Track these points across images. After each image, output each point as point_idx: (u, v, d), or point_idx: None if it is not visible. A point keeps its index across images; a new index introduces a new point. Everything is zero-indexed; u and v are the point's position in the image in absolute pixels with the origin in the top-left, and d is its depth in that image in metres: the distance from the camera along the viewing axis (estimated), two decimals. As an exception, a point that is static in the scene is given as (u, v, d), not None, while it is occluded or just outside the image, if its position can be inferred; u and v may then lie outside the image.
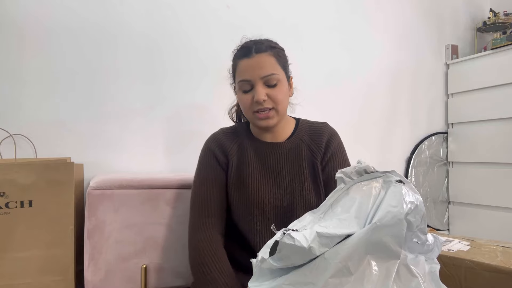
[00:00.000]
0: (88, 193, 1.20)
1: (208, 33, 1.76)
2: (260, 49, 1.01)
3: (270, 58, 1.01)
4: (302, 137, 1.11)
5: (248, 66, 1.00)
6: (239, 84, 1.03)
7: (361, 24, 2.20)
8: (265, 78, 1.00)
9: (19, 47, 1.43)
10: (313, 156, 1.09)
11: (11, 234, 1.11)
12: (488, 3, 2.66)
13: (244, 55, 1.02)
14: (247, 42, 1.06)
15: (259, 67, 0.99)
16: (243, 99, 1.03)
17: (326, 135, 1.11)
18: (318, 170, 1.08)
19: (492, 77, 2.21)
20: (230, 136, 1.13)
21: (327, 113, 1.65)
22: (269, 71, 1.00)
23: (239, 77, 1.02)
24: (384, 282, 0.64)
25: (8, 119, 1.40)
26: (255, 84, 1.00)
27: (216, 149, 1.10)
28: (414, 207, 0.66)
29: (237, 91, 1.06)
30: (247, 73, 1.00)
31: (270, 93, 1.00)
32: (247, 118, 1.10)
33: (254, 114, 1.02)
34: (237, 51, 1.06)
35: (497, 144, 2.18)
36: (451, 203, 2.46)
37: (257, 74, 0.99)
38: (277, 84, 1.01)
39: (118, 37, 1.58)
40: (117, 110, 1.58)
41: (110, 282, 1.21)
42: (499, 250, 1.13)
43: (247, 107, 1.03)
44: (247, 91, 1.02)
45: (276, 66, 1.02)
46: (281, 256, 0.69)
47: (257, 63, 1.00)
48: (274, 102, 1.01)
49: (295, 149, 1.09)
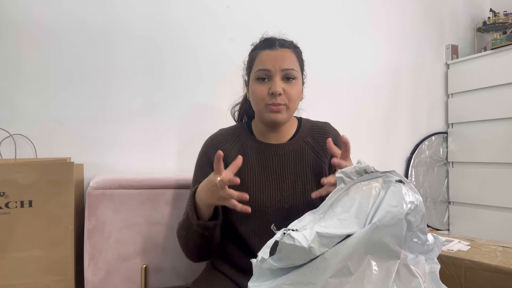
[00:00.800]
0: (88, 193, 1.20)
1: (208, 33, 1.76)
2: (283, 44, 1.02)
3: (292, 54, 1.02)
4: (305, 138, 1.09)
5: (270, 57, 0.99)
6: (257, 73, 1.00)
7: (361, 24, 2.20)
8: (285, 71, 0.99)
9: (19, 48, 1.43)
10: (319, 158, 1.07)
11: (11, 234, 1.11)
12: (488, 3, 2.65)
13: (267, 46, 1.02)
14: (270, 36, 1.06)
15: (282, 59, 0.99)
16: (257, 89, 1.00)
17: (330, 136, 1.09)
18: (325, 173, 1.06)
19: (492, 77, 2.21)
20: (229, 137, 1.10)
21: (327, 113, 1.65)
22: (291, 65, 1.00)
23: (258, 66, 1.01)
24: (384, 282, 0.64)
25: (8, 119, 1.40)
26: (274, 75, 0.99)
27: (213, 155, 1.05)
28: (414, 207, 0.67)
29: (252, 81, 1.03)
30: (268, 63, 0.99)
31: (287, 88, 0.99)
32: (256, 111, 1.05)
33: (266, 106, 0.99)
34: (259, 43, 1.05)
35: (497, 144, 2.18)
36: (451, 203, 2.46)
37: (279, 65, 0.98)
38: (294, 81, 1.01)
39: (118, 37, 1.58)
40: (117, 110, 1.58)
41: (110, 282, 1.21)
42: (499, 250, 1.13)
43: (260, 98, 1.00)
44: (263, 81, 1.00)
45: (296, 63, 1.03)
46: (281, 256, 0.69)
47: (280, 55, 1.00)
48: (288, 98, 0.99)
49: (298, 150, 1.07)
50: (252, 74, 1.03)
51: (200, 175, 1.07)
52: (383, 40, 2.28)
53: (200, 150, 1.12)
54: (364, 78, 2.20)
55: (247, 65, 1.08)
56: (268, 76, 0.99)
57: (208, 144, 1.10)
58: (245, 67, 1.11)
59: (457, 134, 2.42)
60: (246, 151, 1.07)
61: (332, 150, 0.98)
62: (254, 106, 1.04)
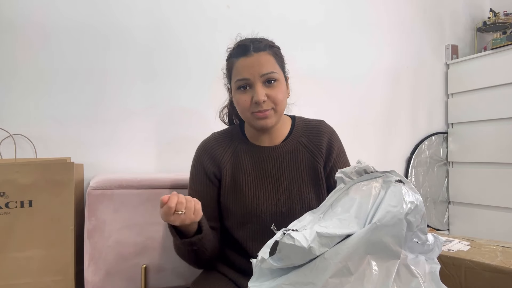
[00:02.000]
0: (88, 193, 1.20)
1: (208, 35, 1.76)
2: (258, 47, 0.97)
3: (269, 56, 0.97)
4: (299, 138, 1.07)
5: (247, 65, 0.95)
6: (236, 84, 0.97)
7: (361, 24, 2.20)
8: (264, 76, 0.95)
9: (19, 48, 1.43)
10: (314, 159, 1.05)
11: (11, 234, 1.11)
12: (488, 3, 2.65)
13: (241, 53, 0.97)
14: (244, 40, 1.02)
15: (259, 65, 0.95)
16: (240, 100, 0.97)
17: (325, 135, 1.07)
18: (321, 174, 1.04)
19: (492, 77, 2.21)
20: (222, 142, 1.07)
21: (327, 113, 1.65)
22: (269, 69, 0.96)
23: (237, 76, 0.97)
24: (384, 282, 0.64)
25: (8, 119, 1.40)
26: (254, 83, 0.95)
27: (207, 161, 1.05)
28: (414, 207, 0.66)
29: (234, 91, 1.00)
30: (246, 72, 0.95)
31: (270, 93, 0.96)
32: (244, 119, 1.03)
33: (252, 114, 0.97)
34: (234, 50, 1.01)
35: (497, 144, 2.18)
36: (451, 203, 2.46)
37: (257, 72, 0.95)
38: (276, 83, 0.97)
39: (118, 38, 1.58)
40: (117, 110, 1.58)
41: (110, 282, 1.21)
42: (499, 250, 1.13)
43: (245, 107, 0.97)
44: (244, 90, 0.97)
45: (275, 65, 0.98)
46: (281, 256, 0.69)
47: (257, 61, 0.95)
48: (274, 102, 0.97)
49: (292, 152, 1.05)
50: (233, 83, 1.00)
51: (195, 181, 1.06)
52: (383, 40, 2.27)
53: (194, 156, 1.09)
54: (364, 78, 2.20)
55: (226, 73, 1.05)
56: (248, 84, 0.96)
57: (201, 150, 1.08)
58: (224, 75, 1.07)
59: (457, 134, 2.42)
60: (239, 156, 1.04)
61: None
62: (241, 115, 1.01)
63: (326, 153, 1.06)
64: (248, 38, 1.02)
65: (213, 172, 1.04)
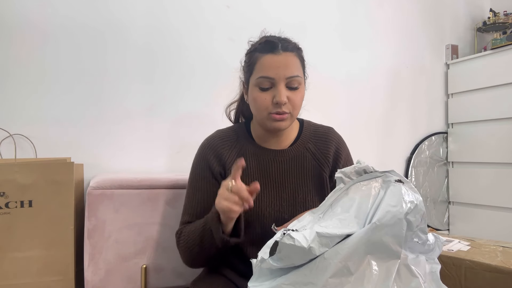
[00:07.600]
0: (88, 193, 1.20)
1: (207, 35, 1.76)
2: (287, 47, 0.94)
3: (295, 59, 0.95)
4: (307, 144, 1.04)
5: (274, 63, 0.92)
6: (258, 81, 0.93)
7: (362, 24, 2.20)
8: (289, 79, 0.92)
9: (19, 48, 1.43)
10: (320, 167, 1.03)
11: (11, 234, 1.11)
12: (488, 3, 2.65)
13: (269, 50, 0.93)
14: (271, 37, 0.97)
15: (285, 66, 0.92)
16: (259, 98, 0.93)
17: (333, 144, 1.05)
18: (326, 183, 1.02)
19: (492, 77, 2.21)
20: (227, 141, 1.03)
21: (327, 113, 1.65)
22: (295, 72, 0.93)
23: (260, 72, 0.93)
24: (384, 282, 0.64)
25: (8, 119, 1.40)
26: (278, 83, 0.92)
27: (211, 158, 1.01)
28: (413, 207, 0.66)
29: (252, 87, 0.96)
30: (272, 71, 0.91)
31: (291, 96, 0.93)
32: (257, 118, 0.99)
33: (269, 115, 0.94)
34: (260, 45, 0.96)
35: (497, 144, 2.18)
36: (451, 203, 2.46)
37: (283, 73, 0.91)
38: (298, 88, 0.95)
39: (117, 38, 1.58)
40: (117, 110, 1.58)
41: (110, 282, 1.21)
42: (499, 250, 1.13)
43: (263, 107, 0.93)
44: (265, 89, 0.93)
45: (300, 68, 0.96)
46: (281, 256, 0.69)
47: (284, 61, 0.92)
48: (293, 106, 0.94)
49: (299, 158, 1.02)
50: (253, 79, 0.96)
51: (198, 178, 1.02)
52: (383, 40, 2.28)
53: (197, 153, 1.06)
54: (364, 78, 2.20)
55: (246, 67, 1.00)
56: (271, 83, 0.93)
57: (206, 147, 1.04)
58: (242, 66, 1.03)
59: (457, 134, 2.42)
60: (244, 157, 1.00)
61: None
62: (255, 113, 0.98)
63: (333, 162, 1.04)
64: (275, 36, 0.98)
65: (217, 170, 1.01)
